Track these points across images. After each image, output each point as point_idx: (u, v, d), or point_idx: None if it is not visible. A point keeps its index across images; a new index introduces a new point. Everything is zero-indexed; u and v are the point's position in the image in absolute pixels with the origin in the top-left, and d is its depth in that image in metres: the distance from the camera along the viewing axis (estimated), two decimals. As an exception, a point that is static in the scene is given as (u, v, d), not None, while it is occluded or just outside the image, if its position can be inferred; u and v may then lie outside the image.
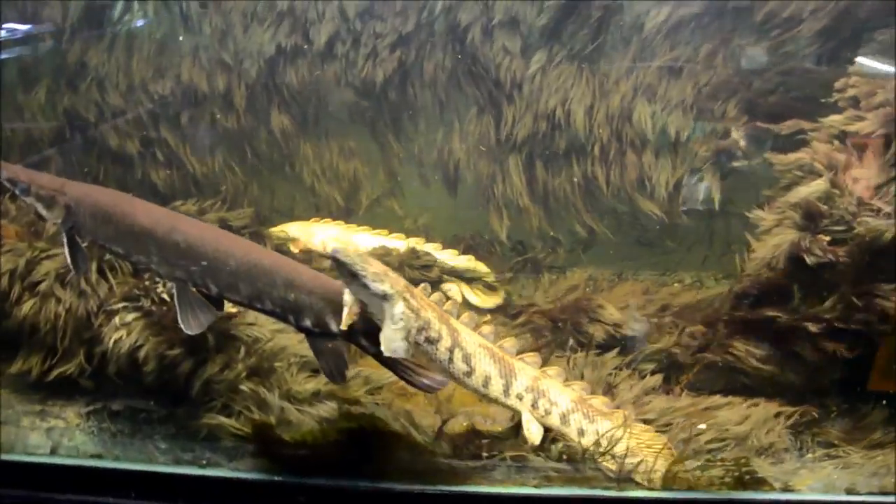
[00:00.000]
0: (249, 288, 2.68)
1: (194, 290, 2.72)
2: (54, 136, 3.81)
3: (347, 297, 2.51)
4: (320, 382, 2.94)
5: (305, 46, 3.78)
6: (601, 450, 2.62)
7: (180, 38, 3.77)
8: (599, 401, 2.75)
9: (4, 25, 3.81)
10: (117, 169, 3.84)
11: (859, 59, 3.07)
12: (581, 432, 2.68)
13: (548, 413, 2.69)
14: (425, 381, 2.66)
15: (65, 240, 2.78)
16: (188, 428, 2.98)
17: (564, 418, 2.69)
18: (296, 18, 3.73)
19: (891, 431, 2.82)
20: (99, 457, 2.87)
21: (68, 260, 2.81)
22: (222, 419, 2.82)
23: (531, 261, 3.87)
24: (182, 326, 2.68)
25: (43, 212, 2.79)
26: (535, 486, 2.62)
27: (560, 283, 3.69)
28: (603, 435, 2.65)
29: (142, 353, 2.98)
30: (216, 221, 3.56)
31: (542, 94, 3.67)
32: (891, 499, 2.55)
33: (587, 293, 3.47)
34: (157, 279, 3.06)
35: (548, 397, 2.70)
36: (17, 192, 2.78)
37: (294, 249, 3.56)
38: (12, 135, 3.77)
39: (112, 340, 3.01)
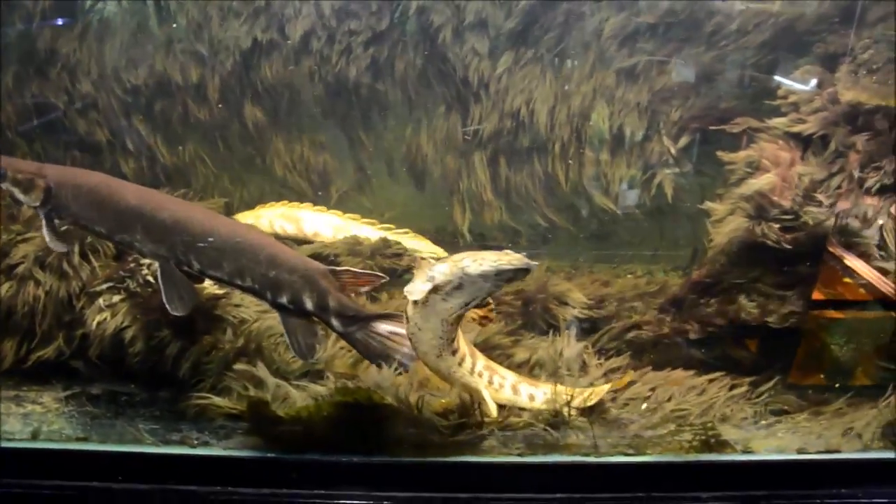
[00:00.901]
0: (233, 264, 2.78)
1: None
2: (21, 124, 3.76)
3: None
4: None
5: (285, 42, 3.85)
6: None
7: (155, 29, 3.78)
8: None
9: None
10: (86, 158, 3.81)
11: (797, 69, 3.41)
12: (532, 397, 2.98)
13: (501, 387, 2.97)
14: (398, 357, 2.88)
15: (44, 222, 2.81)
16: (173, 409, 3.01)
17: (515, 389, 2.99)
18: (272, 14, 3.80)
19: (832, 399, 3.15)
20: (84, 440, 2.86)
21: (49, 241, 2.84)
22: (215, 398, 2.87)
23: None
24: (168, 307, 2.75)
25: (20, 196, 2.81)
26: (520, 455, 2.80)
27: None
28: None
29: (128, 335, 3.00)
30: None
31: (508, 93, 3.87)
32: (834, 456, 2.85)
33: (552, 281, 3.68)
34: (140, 259, 3.09)
35: (499, 373, 3.00)
36: None
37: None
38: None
39: (95, 322, 3.02)
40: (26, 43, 3.74)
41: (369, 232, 3.83)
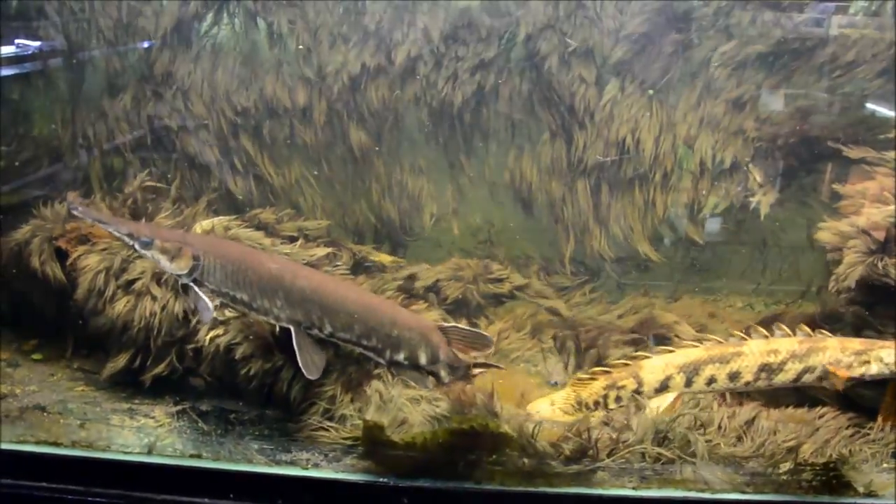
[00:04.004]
0: (363, 326, 2.90)
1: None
2: (135, 142, 3.87)
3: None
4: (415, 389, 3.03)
5: (392, 66, 3.89)
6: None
7: (265, 53, 3.89)
8: None
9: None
10: (194, 175, 3.92)
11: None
12: None
13: None
14: None
15: (197, 290, 2.83)
16: (284, 429, 3.04)
17: None
18: (381, 39, 3.85)
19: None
20: (197, 457, 2.89)
21: (192, 307, 2.92)
22: (328, 423, 2.89)
23: (592, 280, 4.04)
24: (304, 371, 2.81)
25: (166, 264, 2.82)
26: (634, 489, 2.75)
27: (622, 302, 3.87)
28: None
29: (239, 352, 3.05)
30: (294, 231, 3.65)
31: (614, 122, 3.86)
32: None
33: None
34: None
35: None
36: (136, 246, 2.80)
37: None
38: (94, 138, 3.82)
39: (208, 338, 3.07)
40: (143, 65, 3.88)
41: None
